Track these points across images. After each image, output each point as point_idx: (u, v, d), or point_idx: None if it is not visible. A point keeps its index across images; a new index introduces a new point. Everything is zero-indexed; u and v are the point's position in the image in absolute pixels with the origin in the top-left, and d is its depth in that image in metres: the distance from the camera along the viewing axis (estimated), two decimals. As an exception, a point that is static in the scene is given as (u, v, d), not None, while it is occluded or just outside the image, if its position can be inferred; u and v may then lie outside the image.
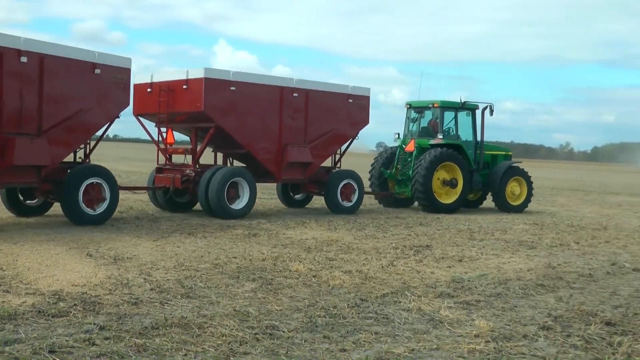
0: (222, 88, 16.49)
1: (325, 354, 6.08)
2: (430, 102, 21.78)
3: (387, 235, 14.76)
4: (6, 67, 12.54)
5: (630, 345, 6.89)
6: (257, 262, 10.59)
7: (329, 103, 19.04)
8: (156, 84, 17.09)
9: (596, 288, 10.02)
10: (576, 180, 56.93)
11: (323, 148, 19.11)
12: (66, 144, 14.08)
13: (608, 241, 15.72)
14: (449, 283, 9.69)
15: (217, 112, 16.47)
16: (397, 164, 21.99)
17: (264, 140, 17.56)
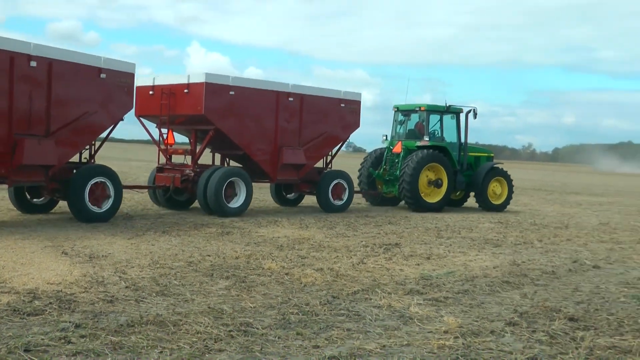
0: (221, 92, 16.81)
1: (298, 350, 6.04)
2: (417, 106, 22.25)
3: (357, 233, 14.75)
4: (17, 71, 12.79)
5: (593, 339, 6.93)
6: (231, 260, 10.52)
7: (322, 107, 19.40)
8: (158, 87, 17.34)
9: (559, 285, 10.09)
10: (538, 180, 57.36)
11: (316, 150, 19.47)
12: (73, 144, 14.34)
13: (569, 239, 15.85)
14: (418, 280, 9.69)
15: (217, 115, 16.78)
16: (385, 165, 22.42)
17: (260, 142, 17.90)
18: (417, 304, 8.09)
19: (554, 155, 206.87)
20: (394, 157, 22.16)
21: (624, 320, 7.91)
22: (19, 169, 13.02)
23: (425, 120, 21.96)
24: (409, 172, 20.69)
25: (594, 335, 7.12)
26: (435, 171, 21.56)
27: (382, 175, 22.29)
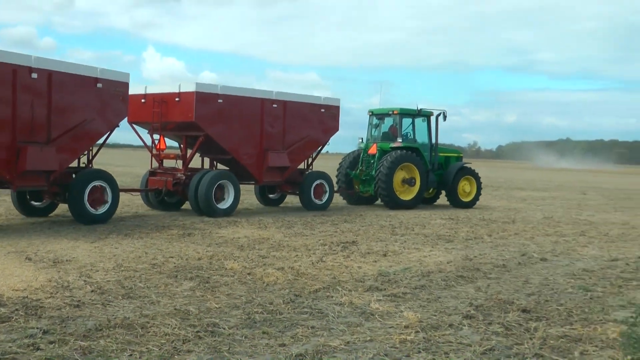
0: (210, 100, 17.33)
1: (265, 349, 6.00)
2: (390, 110, 22.95)
3: (314, 232, 14.71)
4: (19, 82, 13.19)
5: (545, 330, 7.01)
6: (194, 261, 10.41)
7: (304, 112, 19.94)
8: (150, 95, 17.83)
9: (510, 278, 10.17)
10: (484, 177, 57.49)
11: (299, 153, 20.00)
12: (72, 151, 14.70)
13: (517, 233, 16.02)
14: (376, 277, 9.69)
15: (207, 122, 17.27)
16: (361, 166, 22.89)
17: (247, 146, 18.42)
18: (377, 300, 8.09)
19: (498, 152, 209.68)
20: (369, 158, 22.65)
21: (572, 310, 8.03)
22: (22, 174, 13.42)
23: (398, 123, 22.64)
24: (384, 171, 21.26)
25: (546, 326, 7.20)
26: (408, 171, 22.07)
27: (359, 176, 22.74)
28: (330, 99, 20.86)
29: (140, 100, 17.87)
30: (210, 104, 17.33)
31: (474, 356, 5.97)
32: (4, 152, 13.11)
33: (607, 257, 12.68)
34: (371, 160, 22.48)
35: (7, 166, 13.18)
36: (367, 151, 22.71)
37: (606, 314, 7.95)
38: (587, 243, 14.69)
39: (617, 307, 8.37)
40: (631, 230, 17.89)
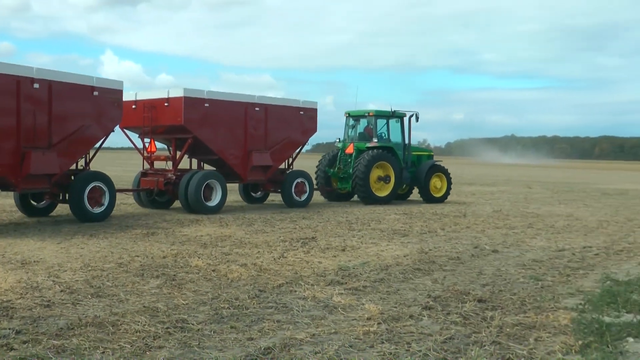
0: (198, 105, 18.05)
1: (234, 343, 5.98)
2: (366, 112, 23.89)
3: (274, 229, 14.68)
4: (22, 92, 13.78)
5: (501, 318, 7.09)
6: (159, 259, 10.33)
7: (284, 115, 20.63)
8: (140, 102, 18.54)
9: (464, 269, 10.28)
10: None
11: (280, 153, 20.72)
12: (71, 155, 15.32)
13: (468, 227, 16.20)
14: (337, 271, 9.70)
15: (195, 125, 17.99)
16: (339, 164, 23.64)
17: (232, 147, 19.14)
18: (339, 294, 8.10)
19: (447, 149, 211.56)
20: (347, 157, 23.38)
21: (525, 299, 8.14)
22: (27, 177, 14.02)
23: (374, 124, 23.48)
24: (361, 169, 22.06)
25: (501, 314, 7.29)
26: (383, 169, 22.85)
27: (337, 174, 23.51)
28: (308, 102, 21.60)
29: (131, 106, 18.37)
30: (198, 108, 18.01)
31: (435, 345, 6.02)
32: (10, 157, 13.70)
33: (555, 248, 12.89)
34: (348, 159, 23.24)
35: (13, 170, 13.76)
36: (345, 150, 23.47)
37: (557, 301, 8.07)
38: (535, 235, 14.93)
39: (567, 295, 8.51)
40: (575, 222, 18.22)
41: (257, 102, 19.75)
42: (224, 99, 18.90)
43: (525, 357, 5.78)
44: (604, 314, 7.37)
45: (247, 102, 19.42)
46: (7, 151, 13.61)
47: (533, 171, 77.05)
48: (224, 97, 18.99)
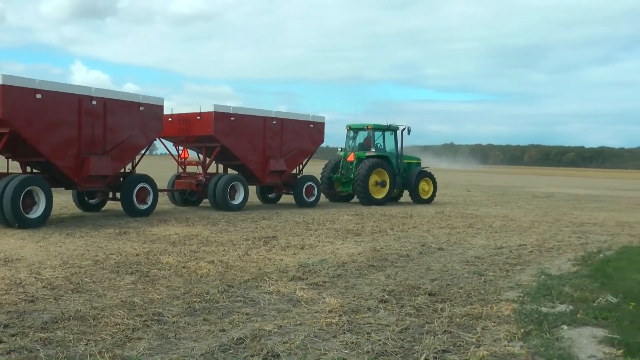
0: (225, 118, 19.66)
1: (207, 334, 5.96)
2: (365, 125, 25.40)
3: (237, 228, 14.62)
4: (83, 108, 15.35)
5: (450, 310, 7.19)
6: (132, 257, 10.22)
7: (297, 128, 22.28)
8: (175, 115, 20.11)
9: (414, 266, 10.36)
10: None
11: (293, 160, 22.32)
12: (121, 159, 16.80)
13: (415, 227, 16.34)
14: (298, 268, 9.70)
15: (222, 135, 19.61)
16: (342, 170, 24.98)
17: (253, 155, 20.77)
18: (301, 289, 8.12)
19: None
20: (348, 165, 24.81)
21: (471, 292, 8.27)
22: (86, 178, 15.64)
23: (372, 136, 25.06)
24: (361, 175, 23.53)
25: (450, 306, 7.38)
26: (380, 174, 24.28)
27: (340, 178, 24.94)
28: (317, 117, 23.20)
29: (167, 119, 19.56)
30: (225, 121, 19.65)
31: (392, 335, 6.08)
32: (73, 161, 15.32)
33: (494, 246, 13.09)
34: (350, 166, 24.69)
35: (76, 172, 15.39)
36: (346, 159, 24.86)
37: (499, 294, 8.21)
38: (475, 234, 15.14)
39: (507, 288, 8.66)
40: (510, 222, 18.52)
41: (274, 116, 21.40)
42: (247, 114, 20.51)
43: (474, 344, 5.88)
44: (541, 305, 7.52)
45: (265, 117, 21.09)
46: (71, 156, 15.25)
47: (470, 176, 78.03)
48: (247, 112, 20.60)
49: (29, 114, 14.00)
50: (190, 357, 5.25)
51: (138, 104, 16.97)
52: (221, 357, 5.30)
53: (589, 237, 15.46)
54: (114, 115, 16.16)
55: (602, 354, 5.73)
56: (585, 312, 7.15)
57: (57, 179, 15.60)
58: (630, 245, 13.89)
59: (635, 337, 6.11)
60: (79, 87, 15.39)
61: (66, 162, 15.10)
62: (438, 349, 5.66)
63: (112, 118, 16.12)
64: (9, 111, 13.46)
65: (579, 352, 5.76)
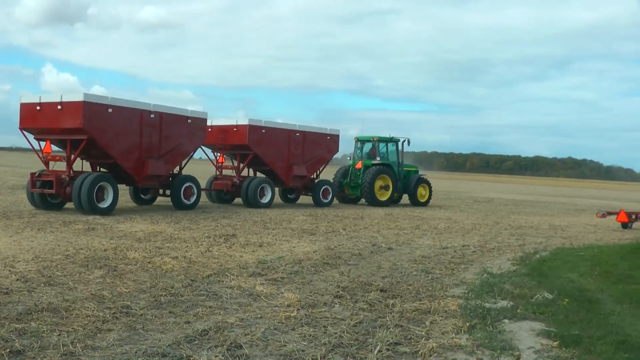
0: (258, 130, 22.01)
1: (174, 326, 5.93)
2: (371, 137, 27.35)
3: (199, 226, 14.53)
4: (144, 120, 17.80)
5: (401, 305, 7.26)
6: (100, 252, 10.08)
7: (316, 139, 24.41)
8: (214, 127, 22.03)
9: (366, 264, 10.43)
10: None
11: (313, 166, 24.41)
12: (172, 163, 19.20)
13: (366, 227, 16.46)
14: (257, 264, 9.70)
15: (255, 144, 21.93)
16: (350, 176, 26.91)
17: (280, 161, 23.02)
18: (261, 284, 8.12)
19: (343, 160, 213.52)
20: (356, 171, 26.71)
21: (419, 289, 8.37)
22: (145, 177, 18.08)
23: (377, 146, 27.07)
24: (368, 180, 25.55)
25: (401, 302, 7.46)
26: (384, 180, 26.20)
27: (349, 183, 26.84)
28: (333, 129, 25.30)
29: (207, 130, 20.99)
30: (258, 132, 21.96)
31: (347, 328, 6.13)
32: (136, 163, 17.73)
33: (439, 246, 13.28)
34: (358, 172, 26.62)
35: (137, 172, 17.79)
36: (355, 166, 26.86)
37: (445, 291, 8.33)
38: (422, 235, 15.32)
39: (453, 285, 8.79)
40: (454, 224, 18.80)
41: (297, 129, 23.72)
42: (275, 127, 22.77)
43: (423, 337, 5.96)
44: (484, 301, 7.65)
45: (290, 129, 23.40)
46: (134, 159, 17.67)
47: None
48: (275, 125, 22.89)
49: (102, 125, 16.49)
50: (158, 347, 5.21)
51: (187, 117, 19.33)
52: (187, 347, 5.28)
53: (526, 239, 15.80)
54: (167, 126, 18.52)
55: (540, 345, 5.86)
56: (524, 307, 7.30)
57: (121, 177, 17.89)
58: (563, 247, 14.23)
59: (569, 330, 6.28)
60: (140, 103, 17.88)
61: (130, 163, 17.62)
62: (390, 342, 5.72)
63: (166, 128, 18.49)
64: (87, 122, 15.96)
65: (519, 343, 5.89)
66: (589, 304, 7.63)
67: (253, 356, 5.16)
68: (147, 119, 17.82)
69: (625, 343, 5.87)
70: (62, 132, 16.42)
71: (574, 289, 8.57)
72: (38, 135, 17.01)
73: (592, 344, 5.80)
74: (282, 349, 5.40)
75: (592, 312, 7.17)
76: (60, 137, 16.67)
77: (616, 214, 20.98)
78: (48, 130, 16.63)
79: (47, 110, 16.27)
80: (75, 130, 16.04)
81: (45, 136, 16.87)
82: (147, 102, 18.01)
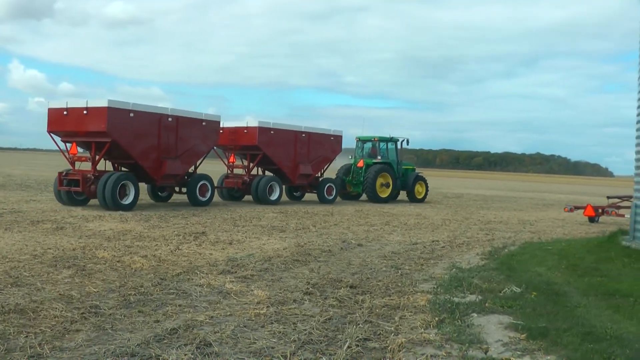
0: (267, 132, 23.38)
1: (143, 325, 5.90)
2: (372, 137, 28.78)
3: (169, 225, 14.45)
4: (162, 123, 19.20)
5: (370, 301, 7.30)
6: (69, 251, 9.97)
7: (321, 140, 25.81)
8: (226, 129, 23.20)
9: (335, 260, 10.46)
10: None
11: (317, 165, 25.82)
12: (188, 162, 20.53)
13: (336, 224, 16.51)
14: (227, 262, 9.68)
15: (265, 145, 23.26)
16: (353, 174, 28.21)
17: (287, 161, 24.41)
18: (231, 282, 8.11)
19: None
20: (358, 170, 28.03)
21: (389, 285, 8.42)
22: (163, 176, 19.50)
23: (377, 146, 28.52)
24: (370, 178, 26.86)
25: (370, 298, 7.50)
26: (384, 178, 27.54)
27: (351, 181, 28.15)
28: (336, 131, 26.60)
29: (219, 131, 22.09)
30: (267, 134, 23.31)
31: (317, 325, 6.15)
32: (155, 163, 19.12)
33: (409, 242, 13.37)
34: (359, 170, 27.92)
35: (156, 171, 19.21)
36: (356, 165, 28.11)
37: (415, 286, 8.39)
38: (391, 231, 15.42)
39: (422, 281, 8.86)
40: (423, 220, 18.96)
41: (303, 130, 25.04)
42: (283, 128, 24.11)
43: (393, 332, 6.01)
44: (453, 296, 7.72)
45: (296, 131, 24.72)
46: (153, 159, 19.04)
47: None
48: (283, 127, 24.18)
49: (124, 128, 17.88)
50: (127, 347, 5.18)
51: (201, 120, 20.60)
52: (156, 346, 5.26)
53: (494, 233, 15.99)
54: (183, 128, 19.84)
55: (508, 338, 5.94)
56: (492, 301, 7.39)
57: (141, 176, 19.12)
58: (531, 241, 14.43)
59: (537, 323, 6.37)
60: (159, 107, 19.38)
61: (149, 163, 18.98)
62: (360, 338, 5.76)
63: (182, 131, 19.81)
64: (111, 126, 17.36)
65: (487, 337, 5.96)
66: (556, 297, 7.75)
67: (222, 354, 5.17)
68: (165, 122, 19.26)
69: (590, 334, 5.97)
70: (88, 135, 17.96)
71: (541, 282, 8.69)
72: (65, 138, 18.64)
73: (558, 335, 5.89)
74: (252, 346, 5.42)
75: (559, 305, 7.28)
76: (85, 139, 18.21)
77: (583, 208, 21.35)
78: (74, 133, 18.11)
79: (74, 114, 17.83)
80: (100, 133, 17.52)
81: (71, 139, 18.40)
82: (164, 107, 19.68)
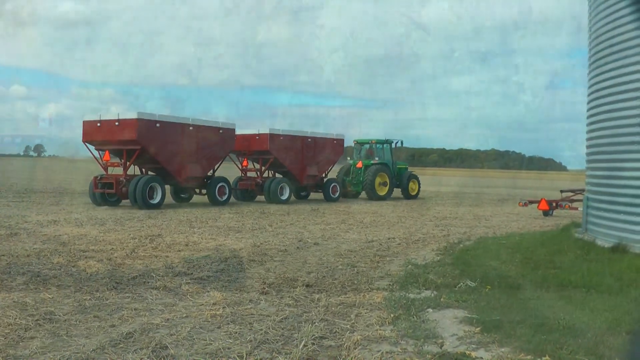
0: (277, 138, 25.35)
1: (98, 330, 5.86)
2: (369, 140, 30.93)
3: (124, 228, 14.31)
4: (184, 132, 21.34)
5: (327, 299, 7.35)
6: (23, 257, 9.82)
7: (325, 144, 27.77)
8: (239, 135, 24.39)
9: (292, 260, 10.51)
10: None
11: (322, 166, 27.80)
12: (207, 166, 22.70)
13: (292, 224, 16.55)
14: (183, 264, 9.64)
15: (276, 150, 25.20)
16: (352, 174, 30.11)
17: (296, 163, 26.37)
18: (187, 283, 8.09)
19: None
20: (357, 170, 29.97)
21: (345, 283, 8.48)
22: (186, 179, 21.69)
23: (375, 148, 30.61)
24: (369, 178, 28.89)
25: (327, 296, 7.55)
26: (382, 177, 29.55)
27: (351, 180, 29.99)
28: (339, 134, 28.68)
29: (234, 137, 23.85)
30: (277, 140, 25.33)
31: (273, 324, 6.20)
32: (179, 167, 21.17)
33: (365, 240, 13.49)
34: (359, 171, 29.84)
35: (179, 174, 21.36)
36: (356, 165, 29.99)
37: (370, 284, 8.47)
38: (347, 229, 15.54)
39: (378, 278, 8.95)
40: (380, 218, 19.14)
41: (309, 135, 26.92)
42: (292, 134, 26.14)
43: (349, 330, 6.08)
44: (408, 292, 7.81)
45: (303, 136, 26.64)
46: (177, 163, 21.15)
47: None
48: (292, 133, 26.22)
49: (152, 137, 20.19)
50: (82, 353, 5.16)
51: (218, 128, 22.77)
52: (112, 351, 5.24)
53: (450, 229, 16.24)
54: (203, 136, 21.95)
55: (463, 332, 6.06)
56: (447, 296, 7.51)
57: (166, 178, 21.08)
58: (486, 236, 14.69)
59: (491, 316, 6.51)
60: (181, 117, 21.51)
61: (174, 167, 21.17)
62: (316, 336, 5.81)
63: (202, 139, 21.92)
64: (141, 135, 19.74)
65: (442, 331, 6.07)
66: (510, 290, 7.91)
67: (178, 356, 5.18)
68: (187, 131, 21.45)
69: (543, 325, 6.12)
70: (119, 143, 20.18)
71: (496, 276, 8.83)
72: (98, 147, 20.99)
73: (512, 328, 6.02)
74: (208, 347, 5.44)
75: (512, 298, 7.45)
76: (117, 147, 20.45)
77: (537, 202, 21.83)
78: (107, 142, 20.41)
79: (106, 126, 20.23)
80: (131, 142, 19.84)
81: (104, 147, 20.80)
82: (186, 117, 21.84)
